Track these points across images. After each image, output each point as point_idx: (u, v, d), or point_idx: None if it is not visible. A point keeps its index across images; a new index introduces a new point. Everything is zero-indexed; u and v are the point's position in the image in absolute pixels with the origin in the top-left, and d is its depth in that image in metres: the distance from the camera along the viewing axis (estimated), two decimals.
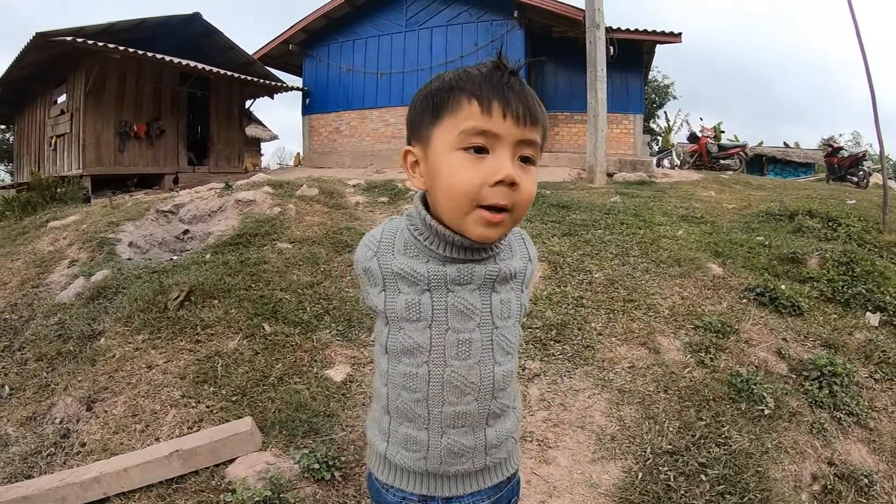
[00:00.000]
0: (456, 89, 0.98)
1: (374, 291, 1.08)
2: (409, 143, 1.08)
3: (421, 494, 1.12)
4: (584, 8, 9.54)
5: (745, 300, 4.05)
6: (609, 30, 10.47)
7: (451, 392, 1.06)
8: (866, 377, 3.44)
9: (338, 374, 3.18)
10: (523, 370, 3.27)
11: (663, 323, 3.75)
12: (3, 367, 3.29)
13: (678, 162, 15.48)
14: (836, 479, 2.75)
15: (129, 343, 3.33)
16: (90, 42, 10.01)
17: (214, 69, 12.63)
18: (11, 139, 18.81)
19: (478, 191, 0.96)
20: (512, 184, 0.96)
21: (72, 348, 3.36)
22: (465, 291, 1.05)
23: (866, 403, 3.22)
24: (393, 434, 1.12)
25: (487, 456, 1.11)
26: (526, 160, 1.00)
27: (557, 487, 2.51)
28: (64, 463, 2.56)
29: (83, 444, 2.66)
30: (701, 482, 2.54)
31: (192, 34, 13.45)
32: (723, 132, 21.03)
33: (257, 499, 2.15)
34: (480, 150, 0.97)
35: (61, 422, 2.83)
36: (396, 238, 1.07)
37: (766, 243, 5.05)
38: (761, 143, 25.18)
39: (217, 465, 2.42)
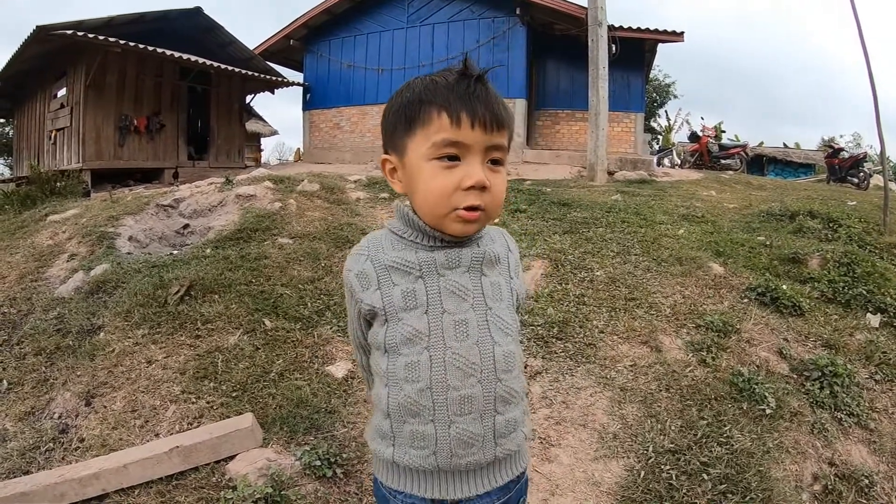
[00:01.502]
0: (426, 102, 1.04)
1: (369, 293, 1.11)
2: (385, 152, 1.15)
3: (430, 499, 1.12)
4: (586, 6, 9.52)
5: (746, 300, 4.05)
6: (611, 28, 10.46)
7: (455, 375, 1.07)
8: (867, 378, 3.43)
9: (339, 370, 3.17)
10: (525, 368, 3.26)
11: (665, 321, 3.74)
12: (1, 362, 3.28)
13: (678, 161, 15.47)
14: (837, 479, 2.75)
15: (129, 338, 3.32)
16: (90, 36, 9.95)
17: (215, 64, 12.60)
18: (11, 133, 18.77)
19: (451, 195, 1.03)
20: (483, 188, 1.03)
21: (71, 343, 3.35)
22: (455, 274, 1.10)
23: (867, 404, 3.22)
24: (398, 435, 1.11)
25: (497, 446, 1.11)
26: (495, 162, 1.07)
27: (560, 486, 2.50)
28: (62, 459, 2.55)
29: (82, 440, 2.65)
30: (703, 481, 2.53)
31: (193, 28, 13.40)
32: (723, 132, 21.06)
33: (258, 496, 2.14)
34: (452, 159, 1.03)
35: (60, 417, 2.82)
36: (383, 241, 1.14)
37: (767, 243, 5.04)
38: (762, 143, 25.19)
39: (217, 462, 2.41)
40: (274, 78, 14.64)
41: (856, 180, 12.12)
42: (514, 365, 1.13)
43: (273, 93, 15.71)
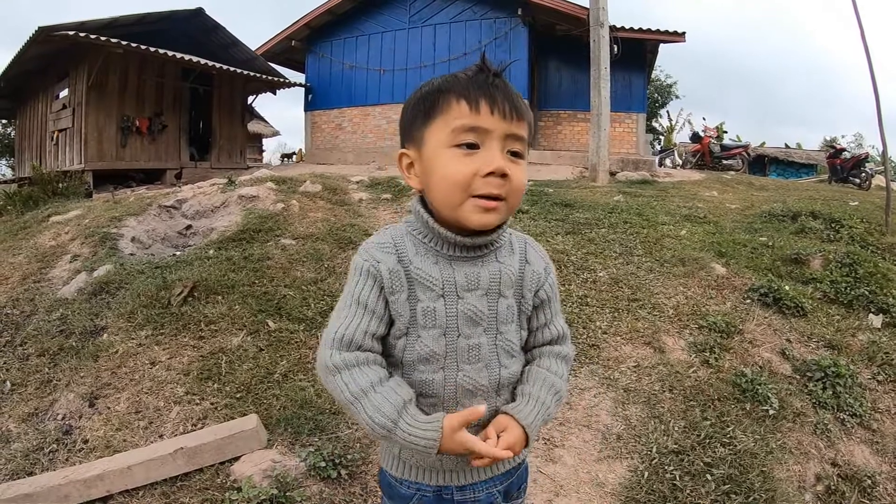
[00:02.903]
0: (445, 91, 1.05)
1: (399, 298, 1.08)
2: (402, 146, 1.14)
3: (436, 486, 1.16)
4: (588, 6, 9.52)
5: (748, 300, 4.05)
6: (613, 28, 10.47)
7: (464, 395, 1.11)
8: (869, 378, 3.43)
9: None
10: None
11: (668, 322, 3.74)
12: (4, 363, 3.28)
13: (680, 161, 15.48)
14: (840, 479, 2.75)
15: (132, 339, 3.32)
16: (92, 36, 9.98)
17: (217, 65, 12.61)
18: (13, 133, 18.79)
19: (470, 181, 1.02)
20: (503, 175, 1.02)
21: (74, 344, 3.35)
22: (473, 297, 1.10)
23: (869, 405, 3.22)
24: None
25: None
26: (514, 154, 1.06)
27: (564, 486, 2.50)
28: (66, 460, 2.55)
29: (86, 441, 2.65)
30: (706, 482, 2.53)
31: (195, 29, 13.42)
32: (725, 132, 21.07)
33: (263, 497, 2.14)
34: (472, 146, 1.03)
35: (63, 418, 2.82)
36: (406, 241, 1.12)
37: (770, 244, 5.04)
38: (763, 143, 25.18)
39: (222, 463, 2.41)
40: (276, 79, 14.66)
41: (857, 180, 12.12)
42: (514, 381, 1.17)
43: (275, 93, 15.74)
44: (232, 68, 12.97)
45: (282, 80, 14.84)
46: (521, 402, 1.12)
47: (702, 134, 15.01)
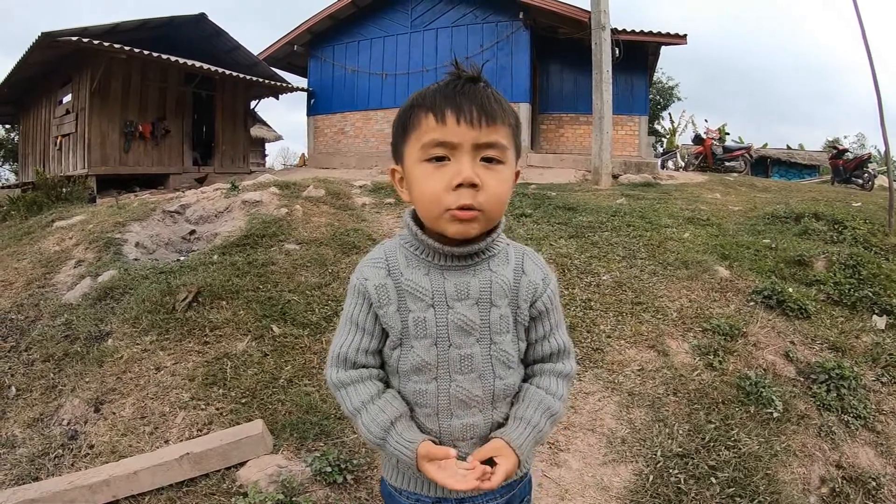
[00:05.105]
0: (415, 106, 1.06)
1: (389, 311, 1.12)
2: (395, 162, 1.16)
3: (435, 497, 1.17)
4: (589, 9, 9.53)
5: (752, 303, 4.04)
6: (614, 31, 10.46)
7: (458, 405, 1.13)
8: (873, 380, 3.43)
9: None
10: None
11: (671, 325, 3.74)
12: (9, 368, 3.29)
13: (682, 164, 15.45)
14: (845, 481, 2.75)
15: (137, 344, 3.33)
16: (95, 42, 10.02)
17: (220, 69, 12.64)
18: (16, 139, 18.86)
19: (442, 195, 1.02)
20: (473, 185, 1.01)
21: (79, 349, 3.36)
22: (463, 307, 1.11)
23: (874, 406, 3.22)
24: None
25: None
26: (491, 160, 1.05)
27: (569, 490, 2.51)
28: (72, 465, 2.56)
29: (91, 446, 2.66)
30: (711, 485, 2.53)
31: (198, 35, 13.47)
32: (727, 134, 21.02)
33: (269, 502, 2.15)
34: (441, 159, 1.03)
35: (69, 423, 2.83)
36: (398, 255, 1.15)
37: (773, 246, 5.03)
38: (766, 144, 25.13)
39: (228, 468, 2.42)
40: (278, 83, 14.70)
41: (860, 181, 12.11)
42: (511, 393, 1.18)
43: (277, 98, 15.79)
44: (234, 73, 13.01)
45: (284, 84, 14.88)
46: (513, 427, 1.14)
47: (704, 136, 14.98)
